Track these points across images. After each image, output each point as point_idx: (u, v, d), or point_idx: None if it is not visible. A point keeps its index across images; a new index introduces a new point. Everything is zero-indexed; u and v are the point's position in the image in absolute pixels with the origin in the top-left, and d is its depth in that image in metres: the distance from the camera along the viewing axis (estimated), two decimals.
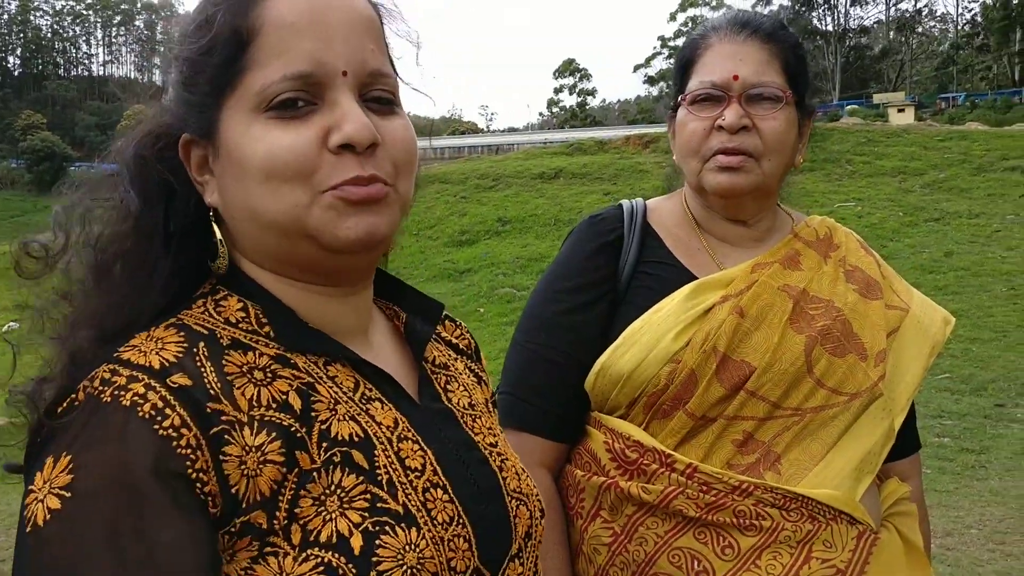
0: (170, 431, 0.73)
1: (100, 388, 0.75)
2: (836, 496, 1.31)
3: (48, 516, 0.70)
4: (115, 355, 0.78)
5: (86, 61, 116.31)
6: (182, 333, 0.82)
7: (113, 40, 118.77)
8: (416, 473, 0.85)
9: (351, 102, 0.82)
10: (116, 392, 0.74)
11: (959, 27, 74.55)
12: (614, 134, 28.47)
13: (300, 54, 0.81)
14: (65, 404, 0.76)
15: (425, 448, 0.87)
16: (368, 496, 0.80)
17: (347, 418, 0.84)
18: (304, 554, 0.76)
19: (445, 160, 34.59)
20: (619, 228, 1.49)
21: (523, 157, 22.96)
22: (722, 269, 1.44)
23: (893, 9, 75.14)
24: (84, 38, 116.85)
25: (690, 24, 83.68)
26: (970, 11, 74.87)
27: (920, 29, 76.78)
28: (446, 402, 0.96)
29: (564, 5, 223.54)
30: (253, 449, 0.76)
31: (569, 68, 79.83)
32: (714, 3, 76.38)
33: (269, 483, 0.76)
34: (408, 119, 0.89)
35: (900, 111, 44.35)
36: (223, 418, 0.76)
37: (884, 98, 55.44)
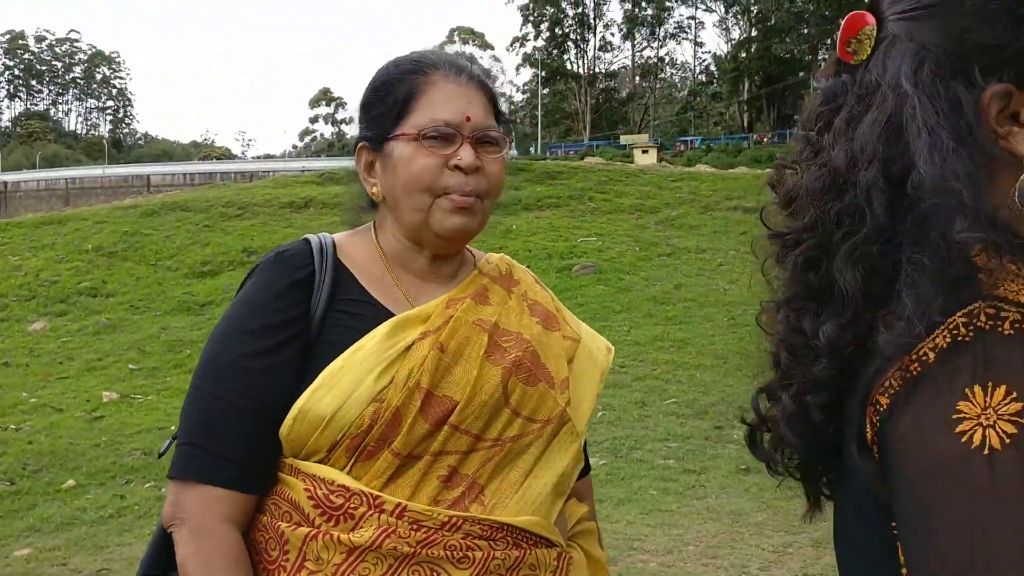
0: None
1: (990, 323, 0.80)
2: (536, 522, 1.35)
3: (1007, 440, 0.76)
4: (987, 294, 0.82)
5: None
6: None
7: None
8: None
9: None
10: (1016, 325, 0.80)
11: (696, 75, 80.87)
12: None
13: None
14: (947, 341, 0.81)
15: None
16: None
17: None
18: None
19: (195, 186, 33.21)
20: (310, 264, 1.41)
21: (272, 185, 22.31)
22: (416, 306, 1.43)
23: (638, 56, 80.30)
24: None
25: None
26: (703, 62, 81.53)
27: (662, 76, 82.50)
28: None
29: (325, 32, 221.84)
30: None
31: (325, 97, 79.20)
32: (479, 42, 78.23)
33: None
34: None
35: (644, 152, 47.35)
36: None
37: (630, 139, 59.04)
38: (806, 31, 62.14)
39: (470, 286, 1.48)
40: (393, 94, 1.44)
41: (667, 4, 74.18)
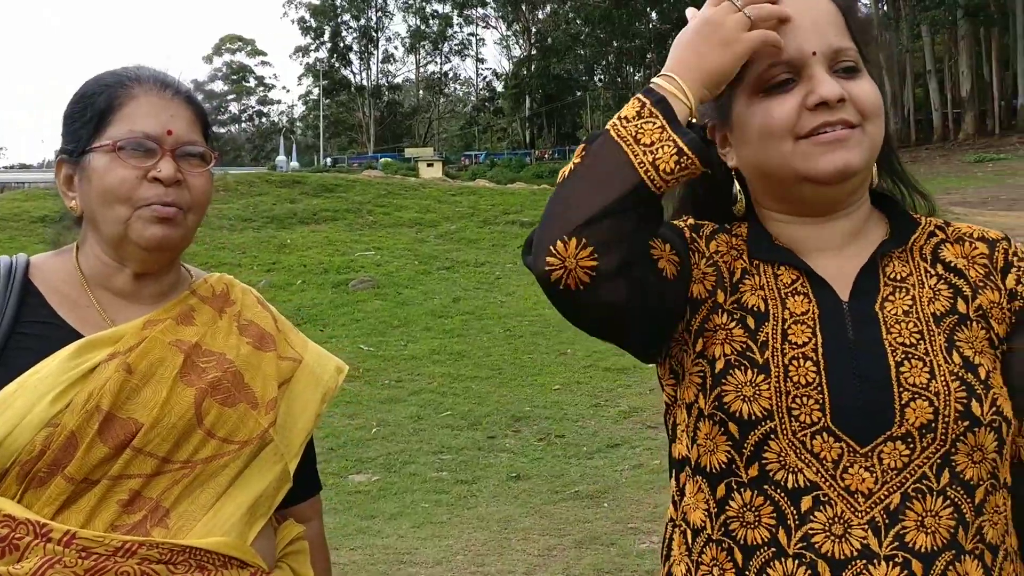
0: (686, 230, 1.29)
1: None
2: (224, 543, 1.34)
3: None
4: None
5: None
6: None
7: None
8: (793, 346, 1.17)
9: (823, 72, 1.18)
10: None
11: (479, 91, 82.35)
12: None
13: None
14: None
15: (817, 333, 1.18)
16: (744, 344, 1.18)
17: (759, 297, 1.22)
18: (695, 360, 1.21)
19: None
20: None
21: (23, 198, 20.59)
22: (115, 326, 1.40)
23: (422, 70, 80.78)
24: None
25: (226, 69, 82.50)
26: (485, 78, 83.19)
27: (447, 90, 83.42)
28: (876, 307, 1.20)
29: (91, 35, 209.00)
30: (703, 265, 1.25)
31: None
32: (249, 49, 76.09)
33: (701, 290, 1.24)
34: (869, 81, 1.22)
35: (430, 166, 47.74)
36: (697, 244, 1.28)
37: (415, 153, 59.34)
38: (582, 52, 64.76)
39: (176, 307, 1.47)
40: (93, 106, 1.42)
41: (453, 20, 75.20)
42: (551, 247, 1.09)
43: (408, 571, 5.18)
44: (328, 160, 60.42)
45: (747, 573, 1.15)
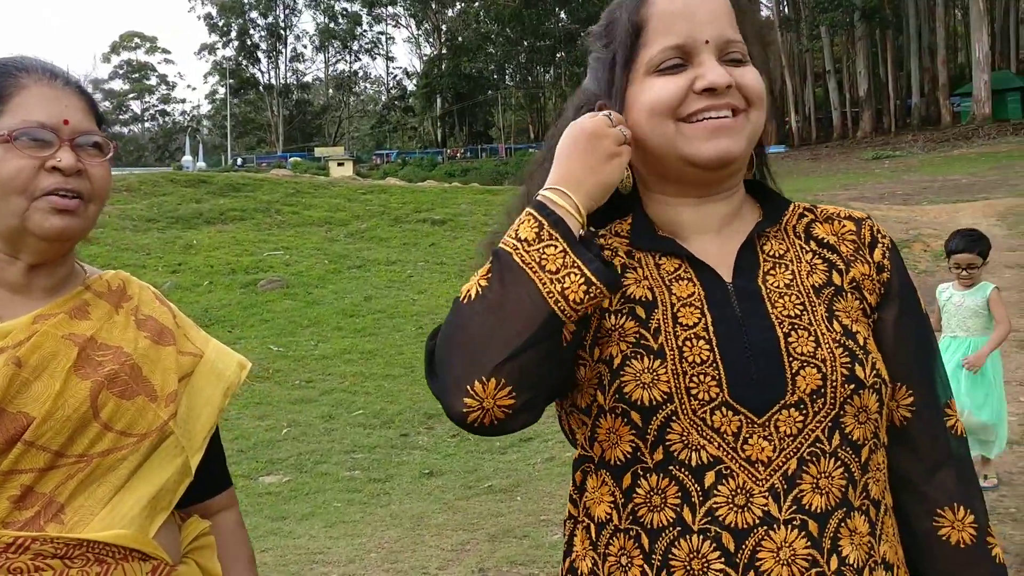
0: None
1: None
2: (124, 535, 1.32)
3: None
4: None
5: None
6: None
7: None
8: (684, 328, 1.20)
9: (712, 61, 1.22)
10: None
11: (390, 90, 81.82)
12: None
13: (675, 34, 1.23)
14: None
15: (706, 312, 1.21)
16: (637, 335, 1.20)
17: (645, 287, 1.24)
18: (593, 366, 1.20)
19: None
20: None
21: None
22: (3, 321, 1.37)
23: (331, 68, 79.91)
24: None
25: (126, 67, 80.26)
26: (395, 76, 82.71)
27: (357, 89, 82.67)
28: (759, 283, 1.25)
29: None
30: None
31: None
32: (148, 46, 74.27)
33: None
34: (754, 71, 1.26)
35: (340, 165, 47.26)
36: None
37: (325, 152, 58.68)
38: (493, 51, 64.95)
39: (69, 301, 1.44)
40: None
41: (363, 19, 74.59)
42: (468, 388, 1.09)
43: (320, 571, 5.14)
44: (238, 160, 59.30)
45: (653, 556, 1.17)
